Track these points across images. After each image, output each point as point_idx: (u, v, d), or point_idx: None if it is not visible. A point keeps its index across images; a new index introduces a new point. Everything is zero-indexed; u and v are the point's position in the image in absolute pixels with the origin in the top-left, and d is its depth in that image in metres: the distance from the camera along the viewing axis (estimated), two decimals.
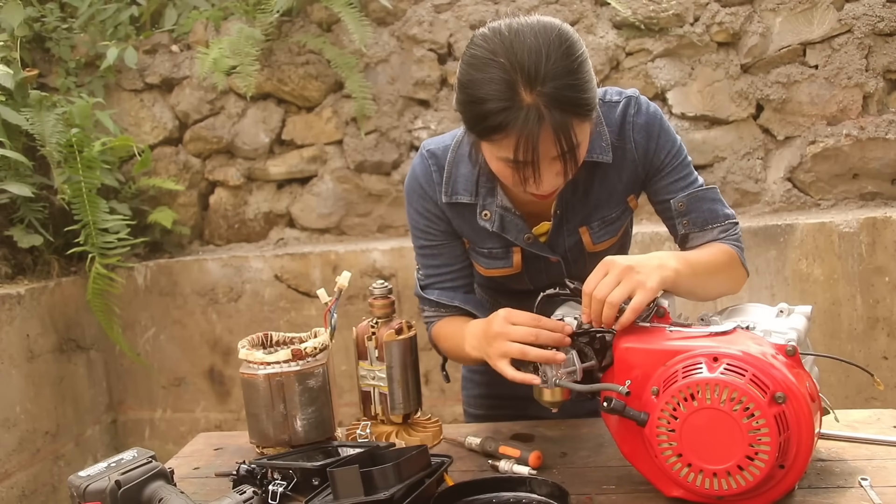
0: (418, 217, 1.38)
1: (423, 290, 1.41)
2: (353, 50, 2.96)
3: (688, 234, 1.33)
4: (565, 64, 1.08)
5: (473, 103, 1.11)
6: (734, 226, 1.34)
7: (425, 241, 1.39)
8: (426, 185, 1.35)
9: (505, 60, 1.08)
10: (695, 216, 1.32)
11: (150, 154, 3.09)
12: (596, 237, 1.35)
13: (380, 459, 1.12)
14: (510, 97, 1.07)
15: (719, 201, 1.34)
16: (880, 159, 2.66)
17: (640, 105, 1.30)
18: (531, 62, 1.07)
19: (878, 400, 2.45)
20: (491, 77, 1.08)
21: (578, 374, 1.12)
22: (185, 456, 1.40)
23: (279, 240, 3.18)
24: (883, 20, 2.62)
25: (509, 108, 1.07)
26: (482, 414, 1.58)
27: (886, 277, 2.44)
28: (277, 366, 1.30)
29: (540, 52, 1.07)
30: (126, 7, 3.19)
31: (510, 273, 1.38)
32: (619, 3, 2.76)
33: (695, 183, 1.33)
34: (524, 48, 1.08)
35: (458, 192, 1.32)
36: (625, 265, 1.09)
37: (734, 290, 1.35)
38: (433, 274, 1.40)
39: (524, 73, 1.07)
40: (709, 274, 1.24)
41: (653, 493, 1.06)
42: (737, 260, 1.31)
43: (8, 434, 2.47)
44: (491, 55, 1.09)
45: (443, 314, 1.40)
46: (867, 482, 1.04)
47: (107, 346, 2.98)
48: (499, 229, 1.32)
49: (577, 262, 1.37)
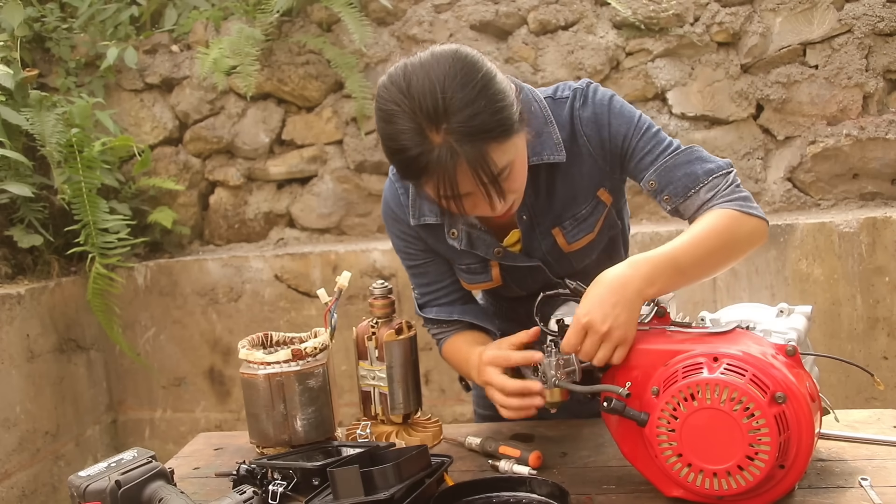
0: (397, 240, 1.39)
1: (421, 310, 1.42)
2: (353, 50, 2.96)
3: (676, 208, 1.26)
4: (464, 94, 1.06)
5: (393, 153, 1.11)
6: (723, 178, 1.23)
7: (410, 261, 1.40)
8: (396, 208, 1.35)
9: (406, 108, 1.06)
10: (672, 188, 1.23)
11: (150, 154, 3.09)
12: (570, 236, 1.32)
13: (380, 459, 1.13)
14: (421, 142, 1.06)
15: (698, 160, 1.24)
16: (880, 159, 2.66)
17: (585, 96, 1.26)
18: (429, 103, 1.05)
19: (878, 400, 2.45)
20: (400, 128, 1.07)
21: (578, 374, 1.12)
22: (185, 456, 1.40)
23: (279, 240, 3.18)
24: (883, 20, 2.62)
25: (423, 152, 1.06)
26: (490, 415, 1.57)
27: (886, 277, 2.44)
28: (277, 366, 1.30)
29: (434, 90, 1.05)
30: (126, 7, 3.19)
31: (492, 286, 1.38)
32: (619, 3, 2.76)
33: (664, 153, 1.24)
34: (420, 90, 1.06)
35: (425, 214, 1.32)
36: (603, 330, 1.06)
37: (756, 244, 1.24)
38: (427, 292, 1.40)
39: (426, 115, 1.05)
40: (705, 259, 1.17)
41: (653, 493, 1.06)
42: (738, 218, 1.20)
43: (8, 434, 2.47)
44: (395, 105, 1.08)
45: (446, 329, 1.40)
46: (867, 482, 1.04)
47: (107, 346, 2.98)
48: (467, 247, 1.31)
49: (559, 263, 1.35)
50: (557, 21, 2.88)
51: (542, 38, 2.90)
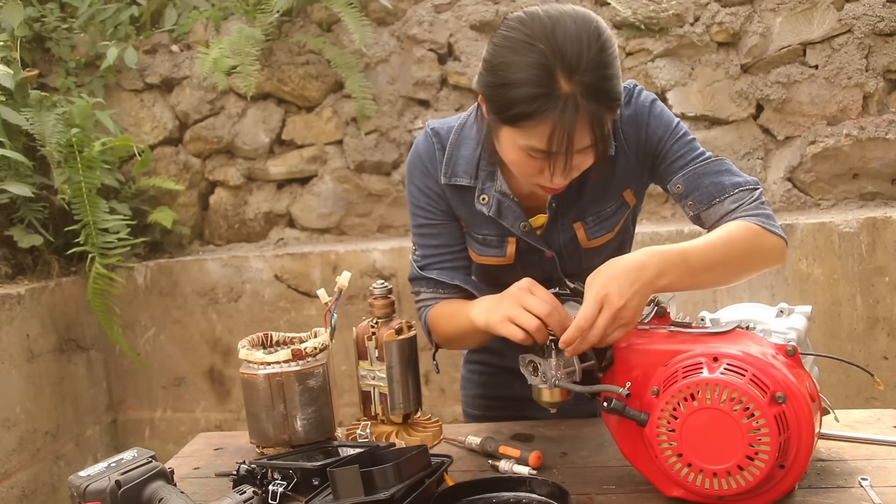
0: (419, 194, 1.35)
1: (422, 270, 1.36)
2: (353, 50, 2.96)
3: (698, 215, 1.27)
4: (602, 56, 1.07)
5: (505, 86, 1.08)
6: (750, 192, 1.25)
7: (425, 219, 1.36)
8: (428, 162, 1.33)
9: (544, 46, 1.05)
10: (698, 194, 1.25)
11: (150, 154, 3.09)
12: (591, 233, 1.32)
13: (380, 459, 1.12)
14: (547, 84, 1.05)
15: (726, 172, 1.27)
16: (880, 159, 2.66)
17: (630, 96, 1.27)
18: (572, 50, 1.05)
19: (878, 400, 2.45)
20: (528, 61, 1.05)
21: (578, 374, 1.12)
22: (185, 456, 1.40)
23: (279, 240, 3.18)
24: (883, 20, 2.62)
25: (545, 95, 1.05)
26: (480, 414, 1.58)
27: (886, 277, 2.44)
28: (277, 366, 1.30)
29: (581, 40, 1.05)
30: (126, 7, 3.19)
31: (502, 263, 1.36)
32: (619, 3, 2.76)
33: (694, 161, 1.27)
34: (565, 36, 1.05)
35: (458, 175, 1.31)
36: (618, 305, 1.04)
37: (773, 263, 1.24)
38: (432, 254, 1.36)
39: (564, 61, 1.04)
40: (717, 265, 1.16)
41: (653, 493, 1.06)
42: (758, 232, 1.20)
43: (8, 434, 2.47)
44: (528, 38, 1.06)
45: (441, 295, 1.36)
46: (867, 482, 1.04)
47: (107, 346, 2.98)
48: (495, 214, 1.30)
49: (571, 258, 1.35)
50: None
51: None
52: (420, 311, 1.39)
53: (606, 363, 1.13)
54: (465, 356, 1.62)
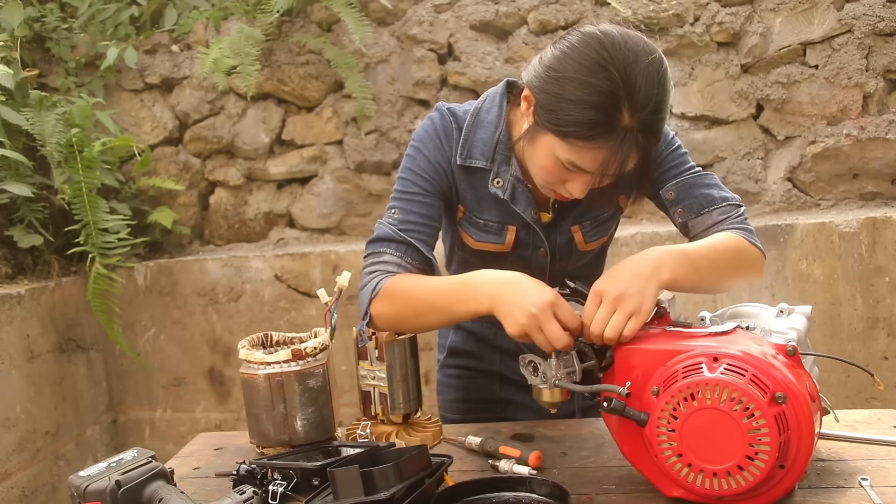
0: (426, 164, 1.32)
1: (402, 233, 1.29)
2: (353, 50, 2.96)
3: (686, 223, 1.32)
4: (664, 98, 1.10)
5: (567, 101, 1.09)
6: (736, 208, 1.30)
7: (420, 188, 1.31)
8: (444, 138, 1.32)
9: (617, 75, 1.06)
10: (688, 203, 1.31)
11: (150, 154, 3.09)
12: (588, 236, 1.36)
13: (380, 459, 1.12)
14: (612, 114, 1.07)
15: (716, 186, 1.32)
16: (880, 159, 2.66)
17: None
18: (642, 86, 1.07)
19: (878, 400, 2.45)
20: (599, 86, 1.07)
21: (578, 374, 1.12)
22: (185, 456, 1.40)
23: (279, 240, 3.18)
24: (883, 20, 2.62)
25: (607, 123, 1.07)
26: (459, 418, 1.56)
27: (886, 277, 2.44)
28: (277, 366, 1.30)
29: (652, 80, 1.08)
30: (126, 7, 3.19)
31: (499, 250, 1.35)
32: (619, 3, 2.76)
33: (687, 172, 1.32)
34: (639, 70, 1.07)
35: (474, 157, 1.31)
36: (616, 294, 1.06)
37: (754, 275, 1.29)
38: (415, 221, 1.30)
39: (633, 97, 1.07)
40: (714, 266, 1.20)
41: (653, 493, 1.06)
42: (744, 244, 1.26)
43: (8, 434, 2.47)
44: (604, 62, 1.07)
45: (407, 265, 1.28)
46: (867, 482, 1.04)
47: (107, 346, 2.98)
48: (509, 198, 1.30)
49: (563, 260, 1.37)
50: (557, 21, 2.87)
51: (543, 39, 2.90)
52: (373, 274, 1.28)
53: (606, 363, 1.13)
54: (442, 361, 1.60)
